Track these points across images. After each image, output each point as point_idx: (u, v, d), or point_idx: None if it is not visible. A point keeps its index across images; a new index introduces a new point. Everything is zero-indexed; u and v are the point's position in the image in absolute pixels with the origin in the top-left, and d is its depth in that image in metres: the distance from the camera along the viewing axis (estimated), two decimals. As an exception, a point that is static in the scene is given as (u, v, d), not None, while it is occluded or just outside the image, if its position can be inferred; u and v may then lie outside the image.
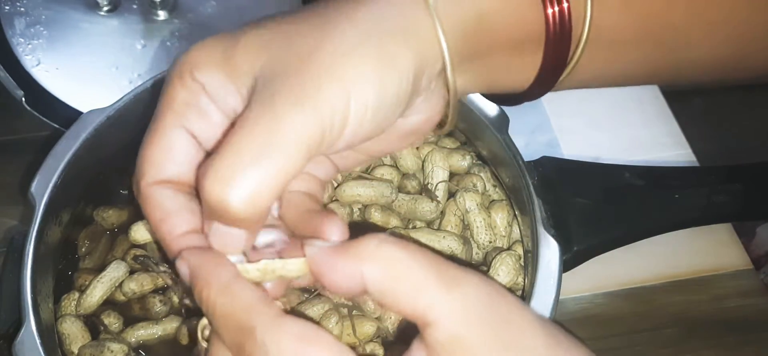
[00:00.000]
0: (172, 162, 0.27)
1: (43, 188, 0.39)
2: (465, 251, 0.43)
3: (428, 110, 0.30)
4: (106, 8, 0.57)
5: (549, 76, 0.32)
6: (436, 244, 0.42)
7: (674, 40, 0.33)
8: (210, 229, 0.26)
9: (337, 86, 0.25)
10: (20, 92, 0.51)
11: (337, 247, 0.26)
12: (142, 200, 0.28)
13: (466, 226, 0.44)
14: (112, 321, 0.41)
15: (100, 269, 0.42)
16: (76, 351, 0.39)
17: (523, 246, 0.44)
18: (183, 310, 0.41)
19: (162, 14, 0.58)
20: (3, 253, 0.41)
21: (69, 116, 0.50)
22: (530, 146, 0.59)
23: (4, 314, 0.38)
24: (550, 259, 0.38)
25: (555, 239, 0.39)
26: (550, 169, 0.46)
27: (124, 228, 0.44)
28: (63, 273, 0.43)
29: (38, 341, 0.35)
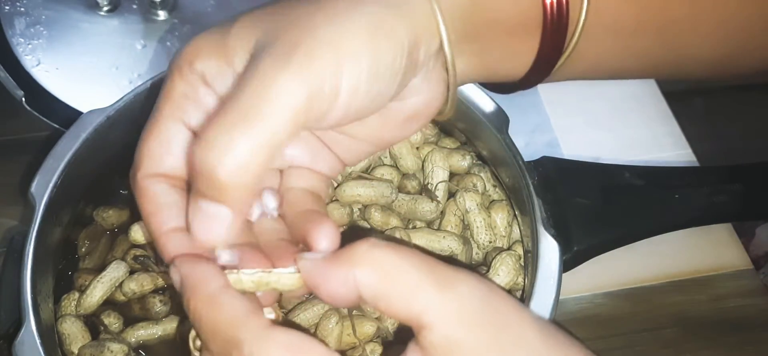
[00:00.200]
0: (169, 154, 0.27)
1: (43, 188, 0.39)
2: (465, 251, 0.43)
3: (428, 92, 0.30)
4: (106, 8, 0.57)
5: (547, 62, 0.31)
6: (436, 244, 0.42)
7: (673, 33, 0.33)
8: (194, 212, 0.25)
9: (328, 54, 0.25)
10: (20, 92, 0.51)
11: (329, 257, 0.26)
12: (136, 192, 0.28)
13: (466, 226, 0.44)
14: (112, 321, 0.41)
15: (100, 269, 0.42)
16: (76, 351, 0.39)
17: (523, 246, 0.44)
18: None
19: (162, 14, 0.58)
20: (3, 253, 0.41)
21: (69, 116, 0.50)
22: (530, 146, 0.59)
23: (4, 314, 0.38)
24: (550, 259, 0.38)
25: (555, 239, 0.39)
26: (550, 169, 0.46)
27: (124, 228, 0.44)
28: (63, 273, 0.43)
29: (38, 341, 0.35)
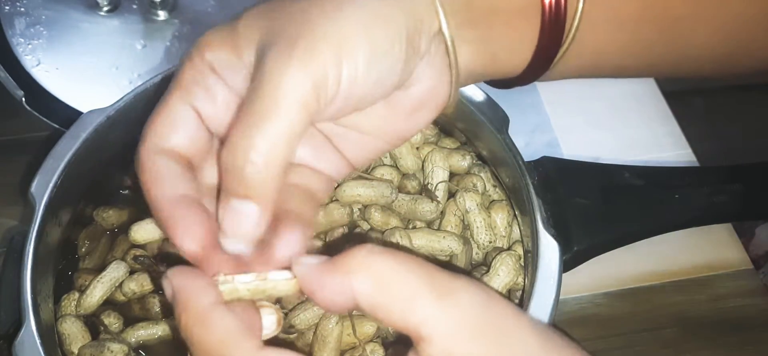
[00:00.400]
0: (175, 133, 0.28)
1: (43, 188, 0.39)
2: (465, 251, 0.43)
3: (431, 79, 0.30)
4: (106, 8, 0.57)
5: (547, 53, 0.32)
6: (436, 244, 0.42)
7: (676, 29, 0.33)
8: (224, 211, 0.26)
9: (326, 46, 0.26)
10: (20, 92, 0.51)
11: (326, 263, 0.25)
12: (139, 166, 0.28)
13: (466, 226, 0.44)
14: (112, 321, 0.41)
15: (100, 269, 0.42)
16: (76, 351, 0.39)
17: (523, 246, 0.44)
18: None
19: (162, 14, 0.58)
20: (3, 253, 0.41)
21: (69, 116, 0.50)
22: (530, 146, 0.59)
23: (4, 314, 0.38)
24: (550, 259, 0.38)
25: (555, 239, 0.39)
26: (550, 169, 0.46)
27: (124, 228, 0.44)
28: (63, 273, 0.43)
29: (38, 341, 0.35)
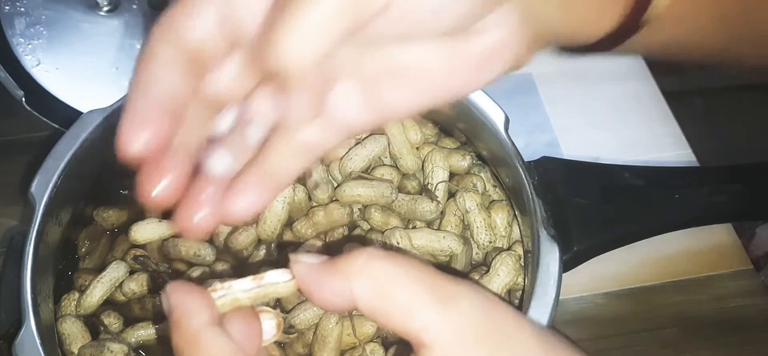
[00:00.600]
0: (193, 22, 0.24)
1: (43, 188, 0.39)
2: (465, 251, 0.43)
3: (503, 31, 0.26)
4: (106, 8, 0.57)
5: (636, 15, 0.29)
6: (436, 244, 0.42)
7: (755, 4, 0.31)
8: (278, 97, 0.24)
9: None
10: (20, 92, 0.51)
11: (326, 264, 0.25)
12: (142, 56, 0.25)
13: (466, 226, 0.44)
14: (112, 321, 0.41)
15: (100, 269, 0.42)
16: (76, 351, 0.39)
17: (523, 246, 0.44)
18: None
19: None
20: (3, 253, 0.41)
21: (69, 116, 0.50)
22: (530, 146, 0.59)
23: (4, 314, 0.38)
24: (550, 259, 0.38)
25: (555, 239, 0.39)
26: (550, 169, 0.46)
27: (124, 228, 0.44)
28: (63, 273, 0.43)
29: (38, 341, 0.35)
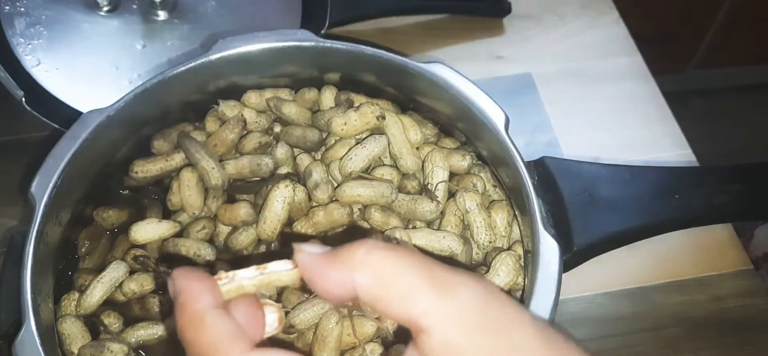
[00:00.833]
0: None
1: (43, 188, 0.39)
2: (465, 251, 0.43)
3: None
4: (106, 8, 0.57)
5: None
6: (436, 244, 0.42)
7: None
8: None
9: None
10: (20, 92, 0.51)
11: (327, 254, 0.26)
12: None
13: (466, 226, 0.44)
14: (112, 321, 0.41)
15: (100, 269, 0.42)
16: (76, 351, 0.39)
17: (523, 246, 0.44)
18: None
19: (162, 14, 0.58)
20: (3, 253, 0.41)
21: (69, 116, 0.50)
22: (530, 146, 0.59)
23: (4, 314, 0.38)
24: (550, 259, 0.38)
25: (555, 239, 0.39)
26: (550, 169, 0.46)
27: (124, 228, 0.44)
28: (63, 273, 0.43)
29: (38, 341, 0.35)
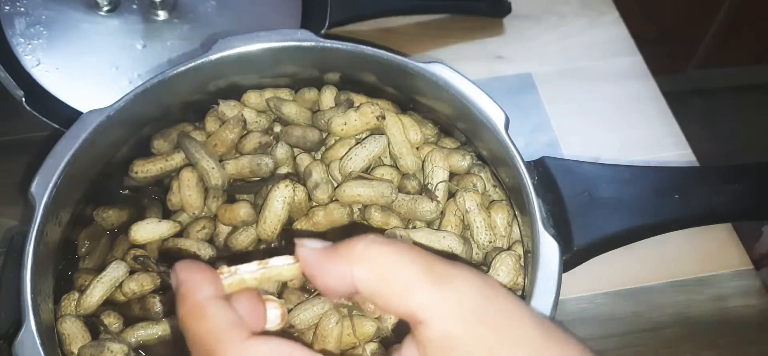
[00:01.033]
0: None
1: (43, 188, 0.39)
2: (465, 251, 0.43)
3: None
4: (106, 8, 0.57)
5: None
6: (436, 244, 0.42)
7: None
8: None
9: None
10: (20, 92, 0.51)
11: (328, 249, 0.26)
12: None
13: (466, 226, 0.44)
14: (112, 321, 0.41)
15: (100, 269, 0.42)
16: (76, 351, 0.39)
17: (523, 246, 0.44)
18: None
19: (162, 14, 0.58)
20: (3, 253, 0.41)
21: (69, 116, 0.50)
22: (530, 146, 0.59)
23: (4, 314, 0.38)
24: (550, 259, 0.38)
25: (555, 239, 0.39)
26: (550, 169, 0.46)
27: (124, 228, 0.44)
28: (63, 273, 0.43)
29: (38, 341, 0.35)
